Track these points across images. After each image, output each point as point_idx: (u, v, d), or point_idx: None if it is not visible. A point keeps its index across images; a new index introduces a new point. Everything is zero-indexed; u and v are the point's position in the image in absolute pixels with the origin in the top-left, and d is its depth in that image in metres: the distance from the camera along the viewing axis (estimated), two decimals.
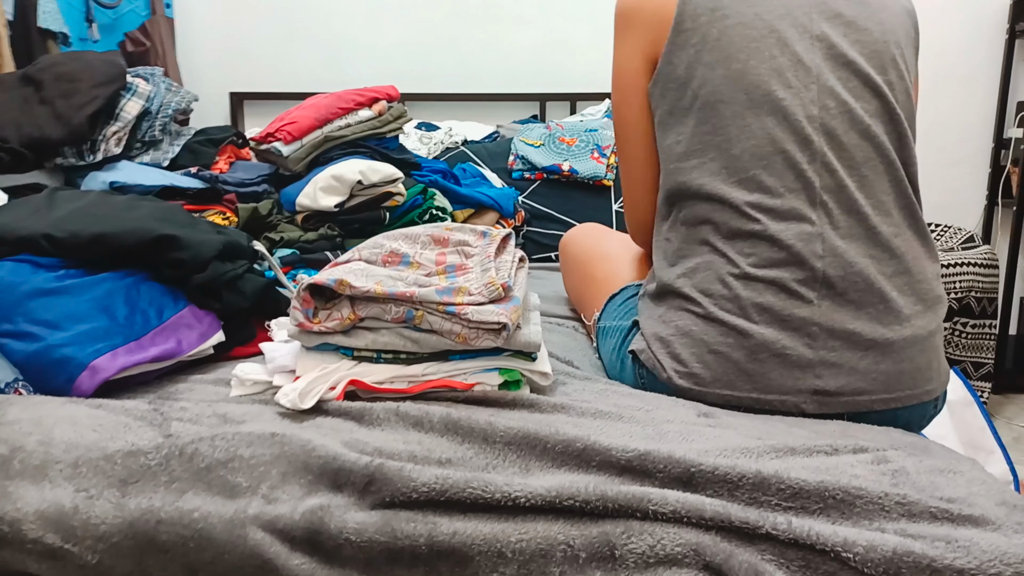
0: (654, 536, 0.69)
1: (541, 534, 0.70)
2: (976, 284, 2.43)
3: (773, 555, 0.68)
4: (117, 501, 0.73)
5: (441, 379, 0.91)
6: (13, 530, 0.71)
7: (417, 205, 1.71)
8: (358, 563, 0.71)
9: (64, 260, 1.07)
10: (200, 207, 1.67)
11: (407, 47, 3.03)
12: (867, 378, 0.93)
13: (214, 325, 1.08)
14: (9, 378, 0.92)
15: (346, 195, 1.60)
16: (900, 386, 0.94)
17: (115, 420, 0.82)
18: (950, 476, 0.77)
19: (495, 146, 2.44)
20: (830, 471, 0.75)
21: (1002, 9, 2.78)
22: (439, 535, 0.70)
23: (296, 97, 3.02)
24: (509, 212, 1.96)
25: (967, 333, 2.46)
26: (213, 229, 1.19)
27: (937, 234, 2.76)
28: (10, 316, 0.96)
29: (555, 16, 2.93)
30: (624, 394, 0.98)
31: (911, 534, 0.68)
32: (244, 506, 0.73)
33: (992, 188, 2.87)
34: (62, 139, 1.66)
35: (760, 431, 0.86)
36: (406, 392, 0.91)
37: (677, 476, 0.75)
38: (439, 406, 0.87)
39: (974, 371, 2.48)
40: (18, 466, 0.75)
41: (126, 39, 2.76)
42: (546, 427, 0.81)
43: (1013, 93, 2.82)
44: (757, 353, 0.93)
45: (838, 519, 0.71)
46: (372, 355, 0.92)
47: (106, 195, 1.31)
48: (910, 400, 0.95)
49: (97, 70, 1.77)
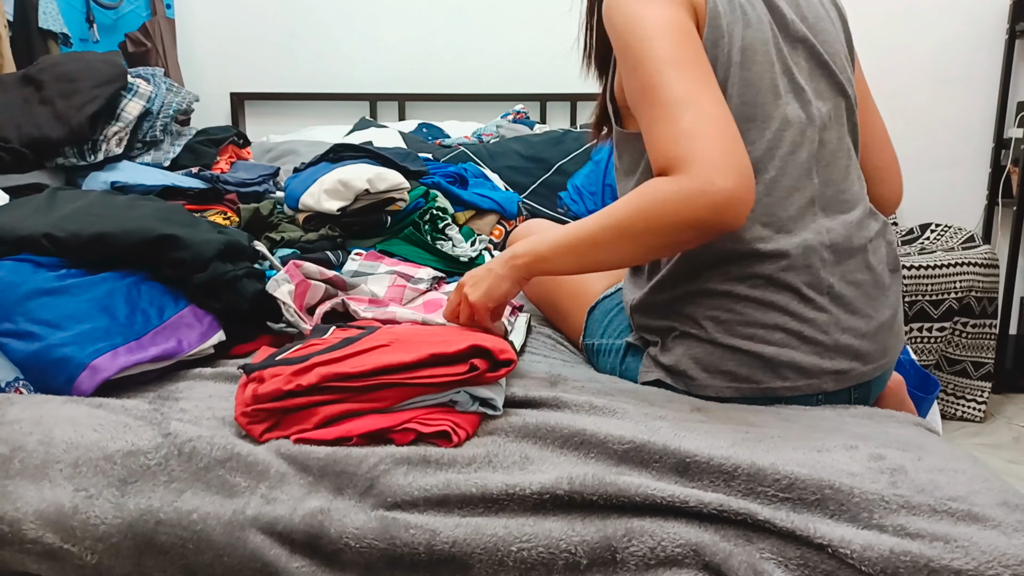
0: (654, 538, 0.70)
1: (542, 542, 0.70)
2: (976, 284, 2.42)
3: (772, 554, 0.68)
4: (116, 501, 0.73)
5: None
6: (13, 530, 0.71)
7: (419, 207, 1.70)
8: (358, 567, 0.71)
9: (65, 260, 1.07)
10: (201, 207, 1.67)
11: (407, 47, 3.03)
12: (870, 353, 1.00)
13: (214, 325, 1.08)
14: (10, 377, 0.92)
15: (350, 200, 1.60)
16: (891, 352, 1.04)
17: (115, 420, 0.82)
18: (950, 475, 0.77)
19: (495, 146, 2.45)
20: (825, 467, 0.75)
21: (1002, 9, 2.78)
22: (438, 543, 0.70)
23: (296, 97, 3.03)
24: (512, 214, 1.96)
25: (967, 333, 2.46)
26: (214, 229, 1.19)
27: (937, 234, 2.76)
28: (11, 315, 0.96)
29: (555, 16, 2.93)
30: (618, 391, 0.98)
31: (910, 533, 0.68)
32: (243, 506, 0.73)
33: (992, 188, 2.87)
34: (62, 139, 1.66)
35: (751, 425, 0.87)
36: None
37: (673, 466, 0.76)
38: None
39: (974, 371, 2.48)
40: (18, 466, 0.75)
41: (127, 40, 2.77)
42: (544, 421, 0.82)
43: (1013, 93, 2.82)
44: (777, 368, 0.97)
45: (835, 513, 0.71)
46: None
47: (107, 195, 1.31)
48: (892, 362, 1.04)
49: (98, 70, 1.77)
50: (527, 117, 2.84)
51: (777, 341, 0.96)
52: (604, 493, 0.72)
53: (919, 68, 2.87)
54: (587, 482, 0.72)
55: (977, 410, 2.48)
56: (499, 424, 0.84)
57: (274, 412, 0.83)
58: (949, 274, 2.42)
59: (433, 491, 0.73)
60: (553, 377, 1.00)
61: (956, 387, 2.50)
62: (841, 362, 0.97)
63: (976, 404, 2.48)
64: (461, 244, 1.69)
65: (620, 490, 0.72)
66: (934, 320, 2.44)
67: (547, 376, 1.00)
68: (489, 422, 0.85)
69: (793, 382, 0.97)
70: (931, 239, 2.76)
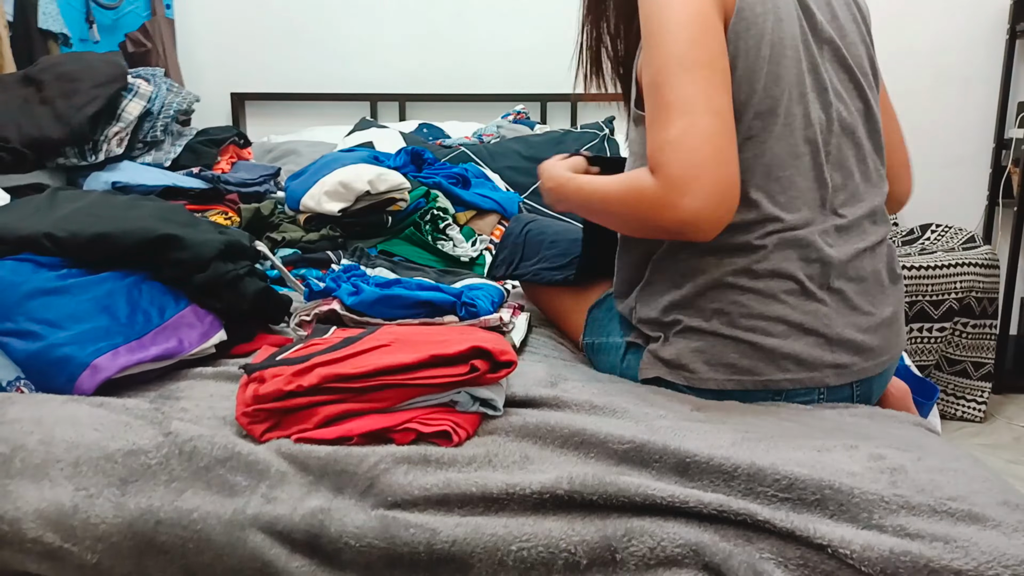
0: (654, 538, 0.70)
1: (542, 541, 0.70)
2: (977, 284, 2.42)
3: (772, 554, 0.68)
4: (117, 501, 0.73)
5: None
6: (13, 529, 0.71)
7: (420, 208, 1.71)
8: (358, 567, 0.71)
9: (65, 259, 1.07)
10: (202, 207, 1.68)
11: (407, 47, 3.03)
12: (872, 349, 1.01)
13: (215, 324, 1.08)
14: (11, 376, 0.92)
15: (351, 202, 1.60)
16: (892, 349, 1.04)
17: (116, 419, 0.82)
18: (950, 475, 0.77)
19: (496, 146, 2.45)
20: (825, 467, 0.75)
21: (1002, 9, 2.78)
22: (438, 543, 0.70)
23: (297, 97, 3.03)
24: (513, 214, 1.96)
25: (967, 333, 2.46)
26: (214, 229, 1.19)
27: (938, 235, 2.76)
28: (11, 315, 0.96)
29: (555, 16, 2.93)
30: (617, 390, 0.98)
31: (910, 533, 0.68)
32: (243, 506, 0.73)
33: (993, 188, 2.87)
34: (62, 139, 1.66)
35: (751, 425, 0.87)
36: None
37: (673, 466, 0.76)
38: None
39: (974, 371, 2.48)
40: (19, 465, 0.75)
41: (127, 40, 2.77)
42: (544, 421, 0.82)
43: (1013, 93, 2.82)
44: (779, 360, 0.98)
45: (835, 513, 0.71)
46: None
47: (108, 195, 1.31)
48: (894, 360, 1.05)
49: (98, 70, 1.78)
50: (527, 117, 2.84)
51: (779, 333, 0.97)
52: (604, 493, 0.72)
53: (919, 68, 2.86)
54: (587, 482, 0.72)
55: (977, 410, 2.48)
56: (499, 424, 0.84)
57: (275, 412, 0.83)
58: (949, 274, 2.42)
59: (433, 490, 0.73)
60: (553, 377, 1.00)
61: (956, 387, 2.50)
62: (842, 355, 0.98)
63: (976, 404, 2.48)
64: (462, 244, 1.69)
65: (620, 490, 0.72)
66: (934, 320, 2.44)
67: (547, 376, 1.00)
68: (489, 422, 0.85)
69: (794, 374, 0.97)
70: (931, 239, 2.76)
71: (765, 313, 0.97)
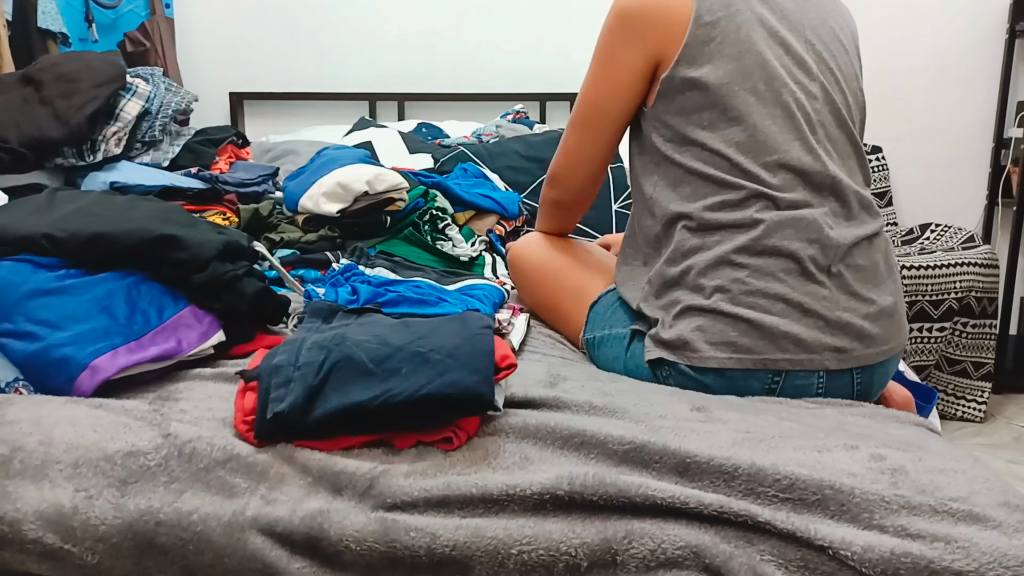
0: (655, 540, 0.70)
1: (543, 544, 0.70)
2: (976, 284, 2.42)
3: (772, 556, 0.68)
4: (116, 501, 0.73)
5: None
6: (13, 530, 0.71)
7: (418, 207, 1.70)
8: (358, 568, 0.71)
9: (64, 260, 1.07)
10: (200, 207, 1.67)
11: (407, 47, 3.03)
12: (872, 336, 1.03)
13: (214, 325, 1.08)
14: (10, 377, 0.92)
15: (349, 202, 1.60)
16: (893, 340, 1.06)
17: (115, 420, 0.82)
18: (951, 475, 0.77)
19: (495, 146, 2.44)
20: (825, 467, 0.75)
21: (1002, 9, 2.78)
22: (438, 547, 0.70)
23: (296, 97, 3.03)
24: (513, 214, 1.95)
25: (967, 333, 2.46)
26: (213, 229, 1.19)
27: (937, 234, 2.76)
28: (10, 316, 0.96)
29: (555, 16, 2.93)
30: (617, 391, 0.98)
31: (910, 533, 0.68)
32: (242, 507, 0.73)
33: (992, 188, 2.87)
34: (62, 139, 1.66)
35: (751, 425, 0.86)
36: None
37: (673, 466, 0.76)
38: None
39: (974, 371, 2.48)
40: (18, 466, 0.75)
41: (126, 39, 2.76)
42: (544, 421, 0.82)
43: (1013, 93, 2.82)
44: (778, 339, 1.00)
45: (836, 514, 0.71)
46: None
47: (106, 195, 1.31)
48: (895, 352, 1.07)
49: (97, 70, 1.77)
50: (527, 117, 2.83)
51: (778, 311, 0.99)
52: (604, 493, 0.72)
53: (919, 68, 2.86)
54: (587, 482, 0.72)
55: (977, 410, 2.48)
56: (499, 424, 0.84)
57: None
58: (949, 274, 2.42)
59: (433, 492, 0.73)
60: (553, 377, 1.00)
61: (956, 387, 2.50)
62: (842, 339, 1.00)
63: (976, 404, 2.48)
64: (461, 244, 1.69)
65: (620, 490, 0.72)
66: (934, 320, 2.44)
67: (547, 376, 1.00)
68: (489, 422, 0.85)
69: (794, 355, 0.99)
70: (931, 239, 2.76)
71: (765, 290, 1.00)
